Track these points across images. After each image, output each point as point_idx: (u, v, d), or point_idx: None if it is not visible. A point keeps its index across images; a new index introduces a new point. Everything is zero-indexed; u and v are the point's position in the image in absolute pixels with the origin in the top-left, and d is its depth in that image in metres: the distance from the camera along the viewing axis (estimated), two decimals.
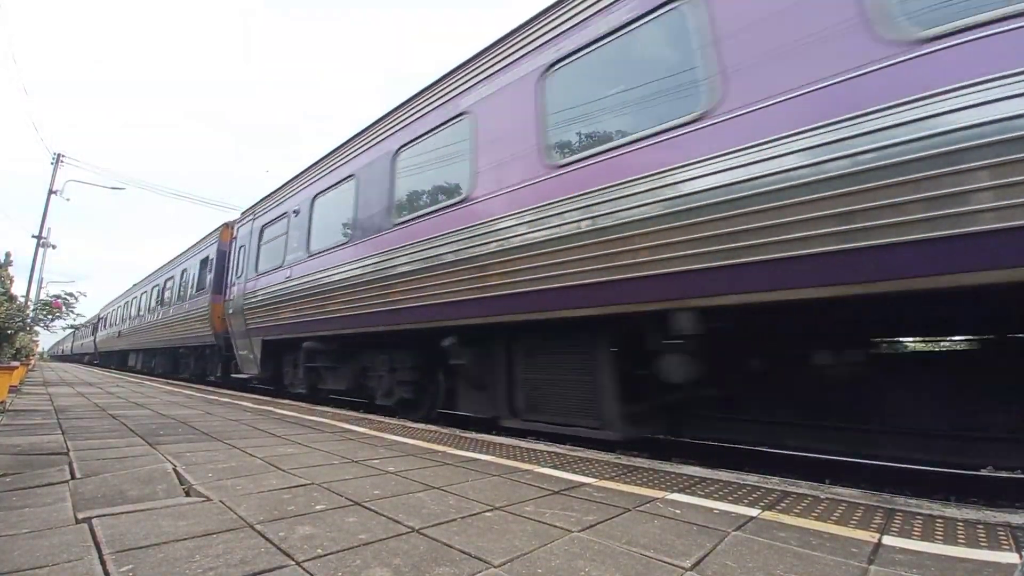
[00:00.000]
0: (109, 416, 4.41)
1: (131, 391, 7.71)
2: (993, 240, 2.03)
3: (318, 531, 1.54)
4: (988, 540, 1.55)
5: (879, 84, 2.34)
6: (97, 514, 1.65)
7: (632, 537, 1.55)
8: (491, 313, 4.12)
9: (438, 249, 4.58)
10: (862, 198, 2.33)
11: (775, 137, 2.64)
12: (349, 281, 5.76)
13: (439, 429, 4.07)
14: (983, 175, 2.05)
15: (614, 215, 3.28)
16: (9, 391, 5.76)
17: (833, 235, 2.41)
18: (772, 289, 2.63)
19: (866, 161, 2.34)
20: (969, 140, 2.08)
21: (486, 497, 1.99)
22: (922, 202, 2.18)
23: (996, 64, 2.06)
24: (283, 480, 2.21)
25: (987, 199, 2.04)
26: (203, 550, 1.36)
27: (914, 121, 2.22)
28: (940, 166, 2.14)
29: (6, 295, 6.43)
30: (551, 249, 3.63)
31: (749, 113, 2.78)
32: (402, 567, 1.29)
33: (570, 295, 3.53)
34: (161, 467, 2.39)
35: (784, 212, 2.56)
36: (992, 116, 2.04)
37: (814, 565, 1.36)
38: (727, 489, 2.19)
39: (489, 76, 4.47)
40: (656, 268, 3.06)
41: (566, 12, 3.86)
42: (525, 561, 1.35)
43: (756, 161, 2.69)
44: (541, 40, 4.04)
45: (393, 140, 5.52)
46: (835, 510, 1.87)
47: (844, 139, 2.40)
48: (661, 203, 3.06)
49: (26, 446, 2.87)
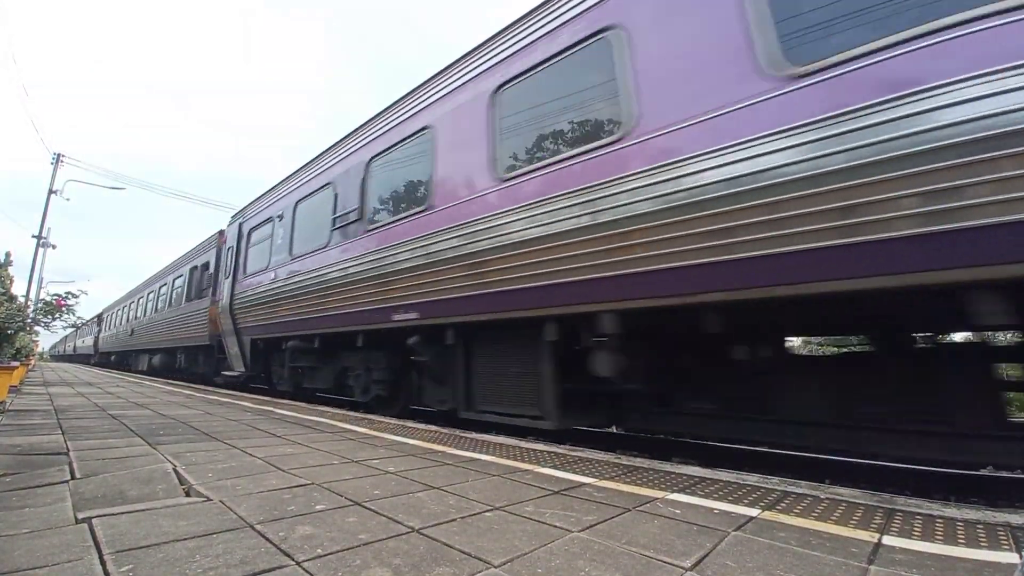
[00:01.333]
0: (109, 416, 4.41)
1: (131, 391, 7.71)
2: (823, 256, 2.41)
3: (318, 531, 1.54)
4: (988, 540, 1.55)
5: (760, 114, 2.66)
6: (97, 514, 1.65)
7: (632, 537, 1.55)
8: (446, 314, 4.47)
9: (401, 254, 4.94)
10: (740, 215, 2.65)
11: (680, 159, 2.93)
12: (324, 283, 6.11)
13: (439, 429, 4.07)
14: (832, 197, 2.37)
15: (548, 226, 3.61)
16: (9, 391, 5.76)
17: (710, 248, 2.77)
18: (672, 295, 2.97)
19: (744, 183, 2.65)
20: (819, 167, 2.41)
21: (486, 497, 1.99)
22: (779, 221, 2.53)
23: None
24: (283, 480, 2.21)
25: (832, 219, 2.37)
26: (203, 550, 1.36)
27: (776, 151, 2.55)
28: (798, 189, 2.46)
29: (6, 295, 6.43)
30: (498, 256, 3.95)
31: (658, 137, 3.10)
32: (402, 567, 1.29)
33: (513, 297, 3.86)
34: (161, 467, 2.39)
35: (684, 226, 2.88)
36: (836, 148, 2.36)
37: (814, 565, 1.36)
38: (727, 489, 2.19)
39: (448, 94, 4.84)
40: (577, 275, 3.42)
41: (513, 38, 4.24)
42: (525, 561, 1.35)
43: (662, 180, 3.01)
44: (491, 63, 4.41)
45: (366, 151, 5.92)
46: (835, 510, 1.87)
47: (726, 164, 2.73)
48: (587, 215, 3.38)
49: (26, 446, 2.87)
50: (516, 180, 3.94)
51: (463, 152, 4.51)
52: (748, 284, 2.64)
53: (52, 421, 3.99)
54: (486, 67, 4.44)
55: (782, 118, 2.55)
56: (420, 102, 5.16)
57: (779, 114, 2.56)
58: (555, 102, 3.87)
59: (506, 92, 4.24)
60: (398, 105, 5.53)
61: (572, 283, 3.44)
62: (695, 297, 2.86)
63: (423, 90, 5.20)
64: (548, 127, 3.91)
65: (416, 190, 5.09)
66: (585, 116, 3.68)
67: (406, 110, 5.36)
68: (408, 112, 5.31)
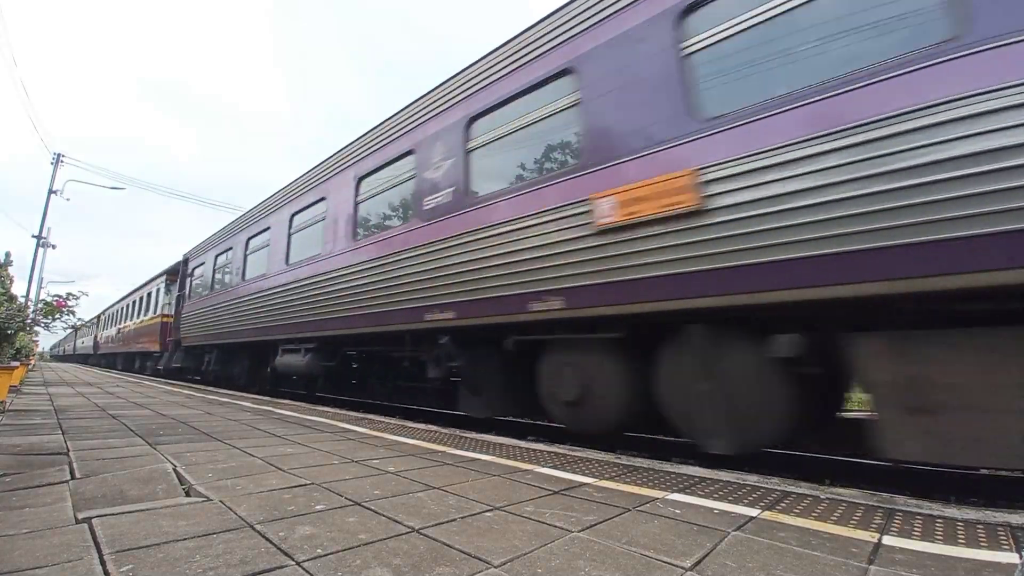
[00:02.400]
0: (109, 416, 4.41)
1: (131, 391, 7.71)
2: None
3: (318, 531, 1.54)
4: (988, 540, 1.55)
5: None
6: (97, 514, 1.65)
7: (632, 537, 1.55)
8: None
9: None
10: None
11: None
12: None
13: (439, 429, 4.07)
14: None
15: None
16: (9, 391, 5.76)
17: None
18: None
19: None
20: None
21: (486, 497, 1.99)
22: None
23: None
24: (283, 480, 2.21)
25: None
26: (203, 550, 1.36)
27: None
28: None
29: (6, 295, 6.42)
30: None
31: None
32: (402, 567, 1.29)
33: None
34: (161, 467, 2.39)
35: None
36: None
37: (814, 565, 1.36)
38: (727, 489, 2.19)
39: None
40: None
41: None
42: (525, 561, 1.35)
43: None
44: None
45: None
46: (835, 510, 1.87)
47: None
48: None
49: (26, 446, 2.87)
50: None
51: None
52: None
53: (52, 421, 3.99)
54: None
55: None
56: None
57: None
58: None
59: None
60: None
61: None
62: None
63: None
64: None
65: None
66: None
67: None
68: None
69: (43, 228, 18.73)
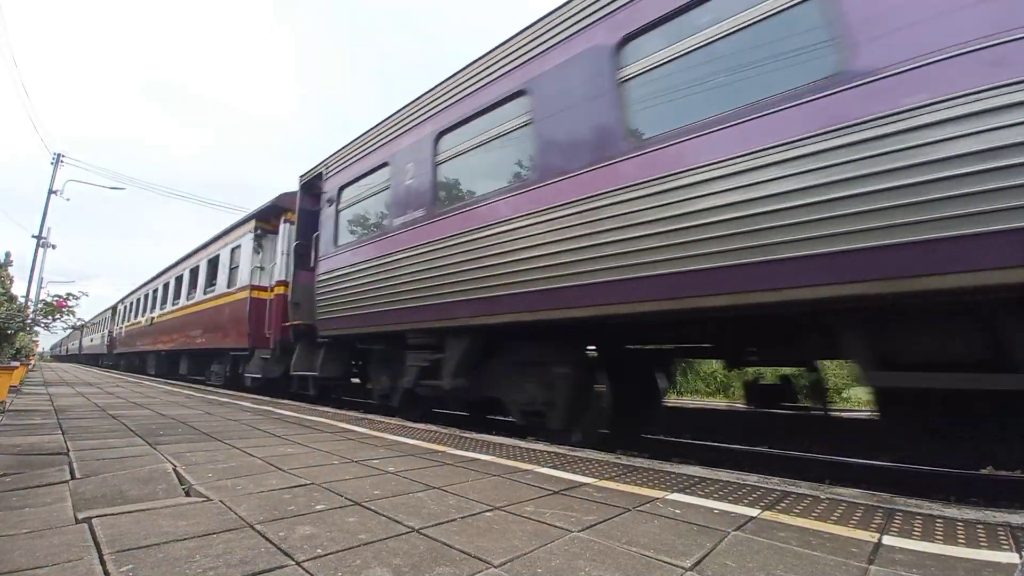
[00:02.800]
0: (109, 416, 4.41)
1: (131, 391, 7.71)
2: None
3: (318, 531, 1.54)
4: (988, 540, 1.55)
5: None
6: (97, 514, 1.65)
7: (632, 537, 1.55)
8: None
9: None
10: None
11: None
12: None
13: (439, 429, 4.07)
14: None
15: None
16: (9, 391, 5.76)
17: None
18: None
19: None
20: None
21: (486, 497, 1.99)
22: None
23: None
24: (283, 480, 2.21)
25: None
26: (203, 550, 1.36)
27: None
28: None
29: (6, 295, 6.43)
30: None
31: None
32: (402, 567, 1.29)
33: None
34: (161, 467, 2.39)
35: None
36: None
37: (814, 565, 1.36)
38: (727, 489, 2.19)
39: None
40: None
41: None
42: (525, 561, 1.35)
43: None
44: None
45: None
46: (835, 510, 1.87)
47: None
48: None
49: (26, 446, 2.87)
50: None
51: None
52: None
53: (52, 421, 3.99)
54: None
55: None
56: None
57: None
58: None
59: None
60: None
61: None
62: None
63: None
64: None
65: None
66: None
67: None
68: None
69: (43, 228, 18.73)
